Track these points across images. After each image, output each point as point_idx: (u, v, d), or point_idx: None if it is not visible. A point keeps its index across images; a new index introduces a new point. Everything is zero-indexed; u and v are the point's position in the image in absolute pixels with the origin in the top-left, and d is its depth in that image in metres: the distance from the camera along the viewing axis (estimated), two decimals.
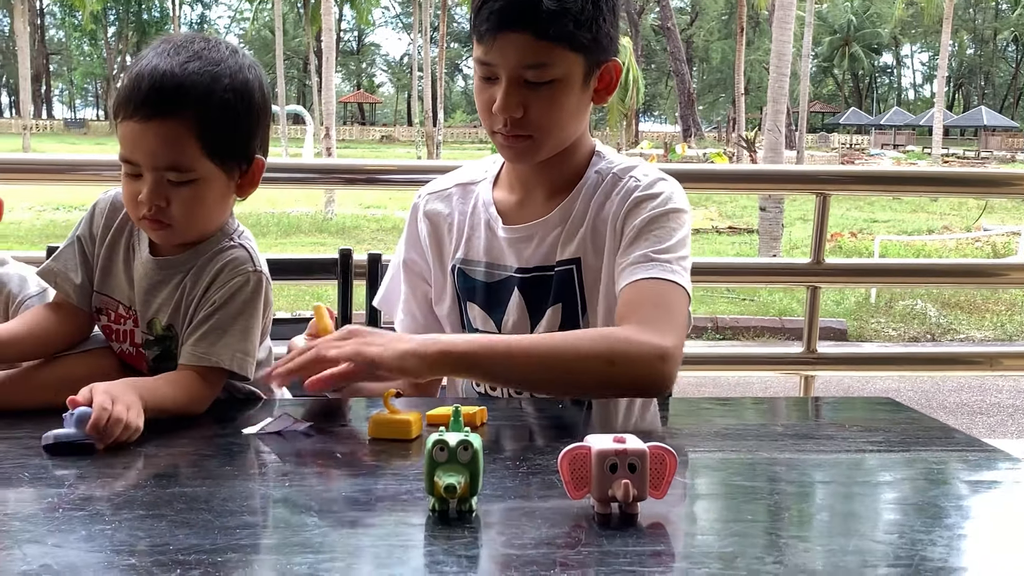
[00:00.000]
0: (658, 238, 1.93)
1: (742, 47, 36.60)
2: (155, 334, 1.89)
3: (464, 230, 2.11)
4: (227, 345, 1.83)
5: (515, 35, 1.85)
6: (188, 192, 1.79)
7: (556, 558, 1.17)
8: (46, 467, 1.49)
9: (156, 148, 1.75)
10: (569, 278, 2.01)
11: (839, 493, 1.48)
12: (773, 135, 13.65)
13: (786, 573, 1.14)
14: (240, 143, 1.83)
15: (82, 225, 1.96)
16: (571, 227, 2.02)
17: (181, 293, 1.88)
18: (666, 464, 1.30)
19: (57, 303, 1.93)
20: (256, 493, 1.42)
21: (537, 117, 1.91)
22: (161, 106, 1.73)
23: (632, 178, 2.02)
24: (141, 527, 1.23)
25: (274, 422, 1.68)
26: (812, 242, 3.76)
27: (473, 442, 1.28)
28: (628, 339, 1.79)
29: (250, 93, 1.82)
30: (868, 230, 18.21)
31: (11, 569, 1.11)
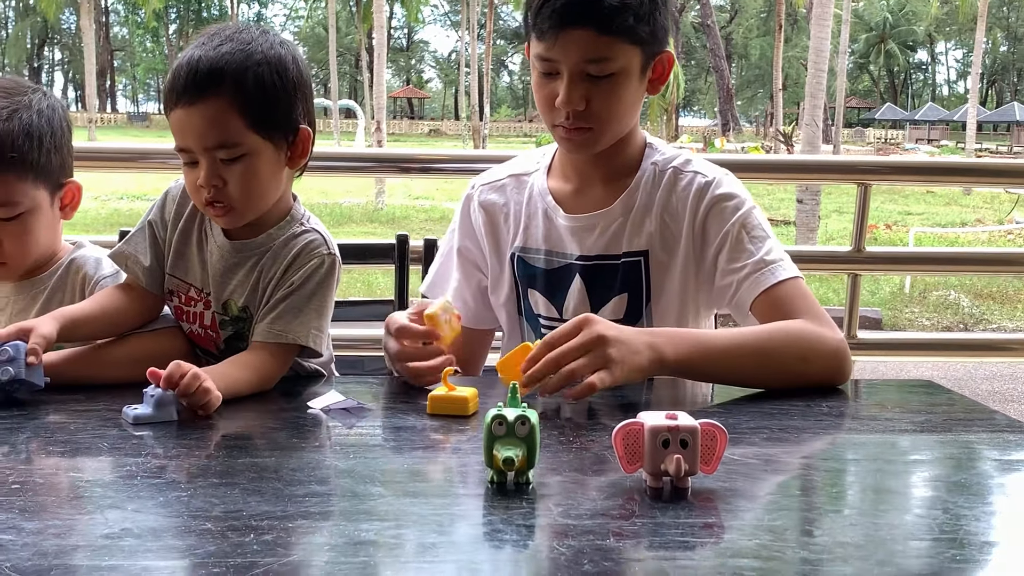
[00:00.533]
0: (758, 239, 1.97)
1: (780, 44, 36.28)
2: (230, 315, 1.92)
3: (521, 219, 2.11)
4: (303, 323, 1.86)
5: (578, 31, 1.86)
6: (240, 168, 1.81)
7: (610, 528, 1.17)
8: (124, 438, 1.51)
9: (203, 129, 1.79)
10: (636, 269, 2.03)
11: (882, 470, 1.47)
12: (811, 129, 13.52)
13: (833, 545, 1.14)
14: (282, 114, 1.85)
15: (154, 211, 2.00)
16: (636, 219, 2.03)
17: (258, 276, 1.91)
18: (717, 440, 1.30)
19: (128, 284, 1.96)
20: (322, 464, 1.44)
21: (598, 109, 1.92)
22: (200, 88, 1.77)
23: (698, 174, 2.04)
24: (215, 494, 1.25)
25: (338, 398, 1.69)
26: (853, 231, 3.74)
27: (530, 417, 1.29)
28: (815, 337, 1.84)
29: (284, 65, 1.85)
30: (903, 222, 18.02)
31: (94, 532, 1.13)
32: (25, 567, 1.02)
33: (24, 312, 1.98)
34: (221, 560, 1.05)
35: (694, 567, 1.09)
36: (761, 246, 1.96)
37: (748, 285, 1.94)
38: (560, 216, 2.07)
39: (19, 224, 1.92)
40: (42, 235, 1.97)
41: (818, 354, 1.84)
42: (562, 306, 2.06)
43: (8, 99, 1.90)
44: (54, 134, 1.95)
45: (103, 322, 1.86)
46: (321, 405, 1.68)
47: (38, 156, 1.91)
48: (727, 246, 1.97)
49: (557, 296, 2.07)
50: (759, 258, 1.94)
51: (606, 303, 2.03)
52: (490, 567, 1.10)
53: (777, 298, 1.91)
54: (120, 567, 1.05)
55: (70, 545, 1.09)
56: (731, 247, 1.97)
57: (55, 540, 1.10)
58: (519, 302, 2.13)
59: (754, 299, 1.93)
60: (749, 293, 1.94)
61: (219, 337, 1.94)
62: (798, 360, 1.83)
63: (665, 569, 1.07)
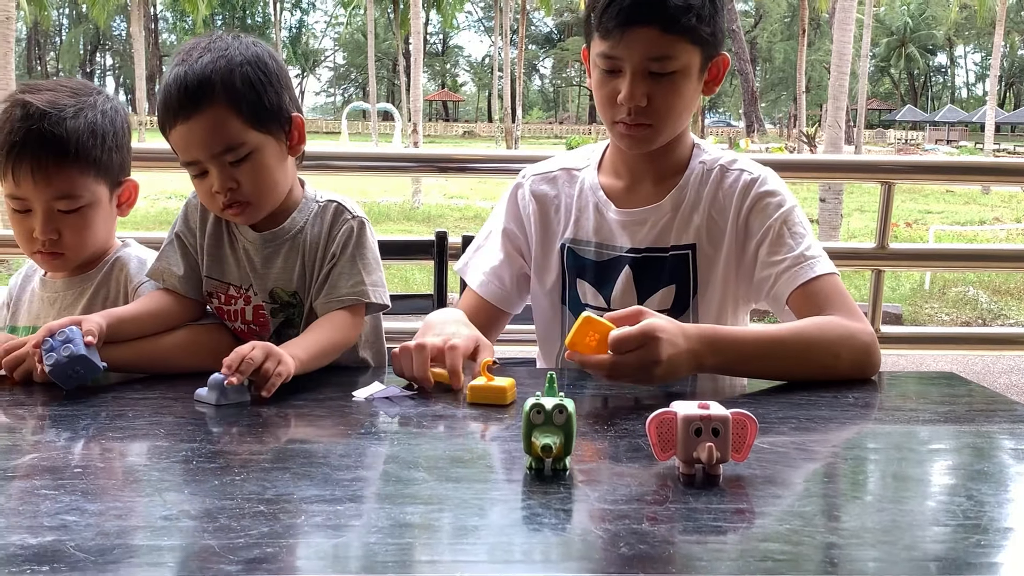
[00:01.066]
0: (799, 235, 1.99)
1: (803, 48, 36.02)
2: (280, 302, 1.96)
3: (572, 212, 2.12)
4: (359, 282, 1.92)
5: (643, 30, 1.87)
6: (249, 166, 1.86)
7: (645, 513, 1.17)
8: (179, 424, 1.53)
9: (206, 138, 1.82)
10: (684, 262, 2.04)
11: (907, 459, 1.47)
12: (834, 130, 13.43)
13: (860, 530, 1.14)
14: (274, 106, 1.89)
15: (178, 223, 2.04)
16: (684, 214, 2.05)
17: (301, 261, 1.95)
18: (747, 429, 1.30)
19: (168, 289, 1.98)
20: (368, 450, 1.44)
21: (658, 106, 1.93)
22: (195, 100, 1.81)
23: (744, 171, 2.06)
24: (267, 479, 1.26)
25: (382, 388, 1.71)
26: (877, 228, 3.72)
27: (568, 406, 1.29)
28: (847, 332, 1.86)
29: (264, 61, 1.89)
30: (922, 221, 17.89)
31: (153, 513, 1.15)
32: (88, 547, 1.04)
33: (72, 307, 2.00)
34: (274, 541, 1.06)
35: (726, 551, 1.09)
36: (801, 242, 1.98)
37: (787, 278, 1.95)
38: (611, 211, 2.08)
39: (79, 217, 1.94)
40: (99, 229, 2.00)
41: (849, 349, 1.85)
42: (610, 296, 2.07)
43: (75, 98, 1.93)
44: (116, 134, 1.98)
45: (148, 322, 1.89)
46: (366, 394, 1.69)
47: (100, 153, 1.94)
48: (768, 240, 1.99)
49: (606, 287, 2.08)
50: (799, 253, 1.96)
51: (653, 294, 2.04)
52: (530, 549, 1.10)
53: (813, 292, 1.92)
54: (178, 547, 1.06)
55: (130, 526, 1.10)
56: (772, 241, 1.99)
57: (116, 521, 1.11)
58: (564, 291, 2.14)
59: (791, 292, 1.94)
60: (787, 286, 1.95)
61: (265, 329, 1.97)
62: (830, 356, 1.83)
63: (699, 553, 1.07)
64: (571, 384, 1.82)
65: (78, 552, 1.02)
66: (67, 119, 1.89)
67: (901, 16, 71.20)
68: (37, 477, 1.29)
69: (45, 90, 1.93)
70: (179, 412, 1.60)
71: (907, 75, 78.33)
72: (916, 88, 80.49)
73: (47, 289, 2.05)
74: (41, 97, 1.90)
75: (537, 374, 2.04)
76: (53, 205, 1.91)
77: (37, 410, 1.63)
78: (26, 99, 1.89)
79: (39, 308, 2.03)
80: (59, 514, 1.13)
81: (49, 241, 1.93)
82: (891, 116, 69.49)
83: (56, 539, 1.06)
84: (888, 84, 79.62)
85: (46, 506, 1.16)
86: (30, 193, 1.90)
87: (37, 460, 1.36)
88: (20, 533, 1.08)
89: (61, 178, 1.90)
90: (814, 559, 1.08)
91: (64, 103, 1.90)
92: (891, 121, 68.88)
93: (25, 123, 1.87)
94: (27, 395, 1.70)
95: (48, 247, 1.94)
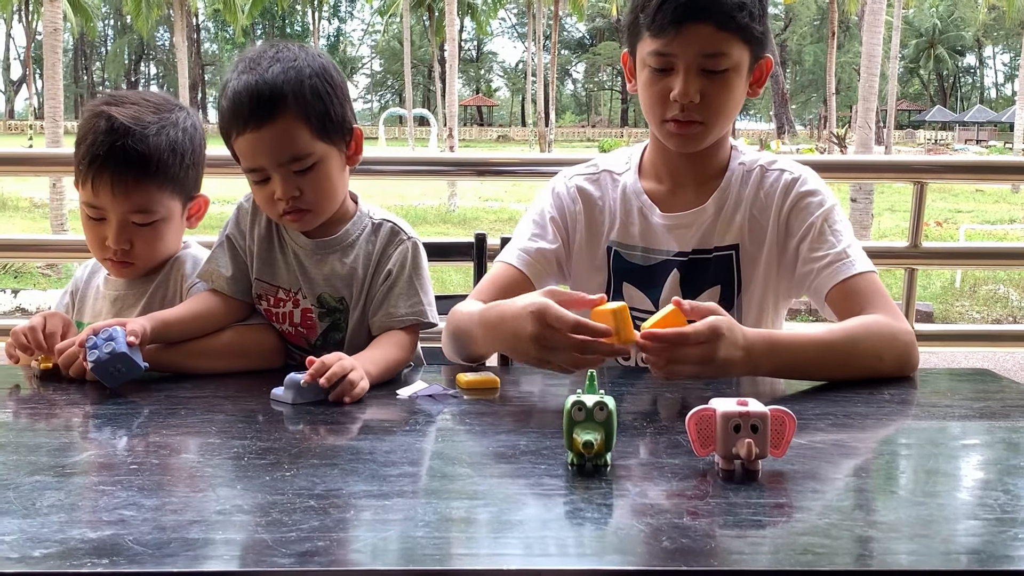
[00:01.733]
0: (839, 233, 1.99)
1: (833, 50, 35.84)
2: (327, 307, 1.97)
3: (617, 215, 2.10)
4: (415, 303, 1.95)
5: (698, 26, 1.87)
6: (313, 175, 1.87)
7: (686, 508, 1.18)
8: (229, 422, 1.55)
9: (275, 148, 1.83)
10: (728, 262, 2.04)
11: (943, 454, 1.47)
12: (864, 131, 13.34)
13: (898, 524, 1.14)
14: (338, 118, 1.90)
15: (229, 226, 2.05)
16: (727, 215, 2.05)
17: (351, 270, 1.96)
18: (786, 425, 1.30)
19: (217, 289, 2.00)
20: (413, 447, 1.45)
21: (711, 103, 1.92)
22: (268, 111, 1.82)
23: (784, 171, 2.05)
24: (316, 474, 1.27)
25: (425, 386, 1.72)
26: (910, 227, 3.69)
27: (608, 403, 1.30)
28: (890, 333, 1.86)
29: (330, 74, 1.90)
30: (953, 219, 17.74)
31: (208, 508, 1.16)
32: (147, 540, 1.05)
33: (132, 307, 2.03)
34: (325, 534, 1.07)
35: (766, 544, 1.09)
36: (841, 239, 1.98)
37: (827, 274, 1.95)
38: (656, 215, 2.07)
39: (152, 230, 1.97)
40: (169, 241, 2.03)
41: (892, 351, 1.85)
42: (657, 299, 2.05)
43: (158, 115, 1.95)
44: (194, 152, 2.01)
45: (194, 326, 1.90)
46: (409, 392, 1.70)
47: (178, 171, 1.97)
48: (810, 236, 1.99)
49: (653, 290, 2.06)
50: (840, 250, 1.96)
51: (700, 295, 2.03)
52: (574, 543, 1.10)
53: (853, 290, 1.92)
54: (233, 540, 1.08)
55: (186, 520, 1.11)
56: (813, 238, 1.98)
57: (172, 516, 1.13)
58: (610, 293, 2.12)
59: (830, 288, 1.94)
60: (827, 282, 1.95)
61: (312, 332, 1.98)
62: (875, 358, 1.83)
63: (739, 546, 1.07)
64: (611, 381, 1.82)
65: (136, 545, 1.04)
66: (150, 136, 1.91)
67: (930, 18, 70.56)
68: (94, 473, 1.31)
69: (129, 103, 1.95)
70: (229, 410, 1.62)
71: (936, 76, 77.61)
72: (945, 89, 79.75)
73: (110, 287, 2.08)
74: (126, 112, 1.92)
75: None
76: (128, 217, 1.94)
77: (92, 409, 1.65)
78: (111, 112, 1.91)
79: (102, 305, 2.06)
80: (117, 509, 1.14)
81: (121, 251, 1.96)
82: (920, 116, 68.89)
83: (115, 533, 1.07)
84: (917, 85, 78.92)
85: (104, 501, 1.18)
86: (107, 204, 1.93)
87: (94, 457, 1.38)
88: (80, 528, 1.09)
89: (139, 193, 1.93)
90: (853, 552, 1.08)
91: (147, 120, 1.93)
92: (920, 121, 68.27)
93: (109, 137, 1.89)
94: (82, 394, 1.72)
95: (119, 256, 1.97)
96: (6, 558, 1.01)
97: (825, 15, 51.41)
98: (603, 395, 1.31)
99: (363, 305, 1.97)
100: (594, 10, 65.12)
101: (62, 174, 10.95)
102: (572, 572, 1.02)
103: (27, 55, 56.52)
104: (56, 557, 1.01)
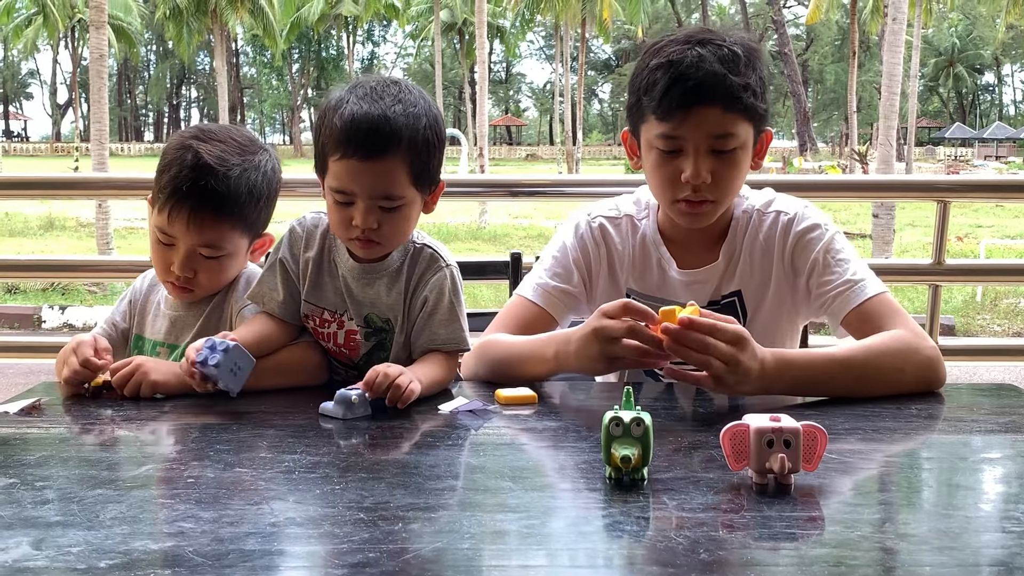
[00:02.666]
0: (844, 261, 1.98)
1: (854, 69, 35.68)
2: (373, 327, 1.99)
3: (636, 263, 2.10)
4: (456, 330, 1.95)
5: (707, 109, 1.86)
6: (397, 215, 1.89)
7: (721, 521, 1.19)
8: (280, 437, 1.57)
9: (374, 182, 1.84)
10: (732, 306, 2.04)
11: (971, 468, 1.47)
12: (885, 148, 13.29)
13: (930, 536, 1.14)
14: (434, 170, 1.93)
15: (282, 249, 2.05)
16: (732, 265, 2.05)
17: (396, 293, 1.98)
18: (818, 440, 1.31)
19: (268, 312, 2.02)
20: (456, 461, 1.47)
21: (720, 182, 1.91)
22: (380, 147, 1.82)
23: (780, 212, 2.05)
24: (364, 488, 1.29)
25: (466, 402, 1.73)
26: (934, 244, 3.67)
27: (645, 419, 1.31)
28: (912, 348, 1.85)
29: (441, 127, 1.92)
30: (973, 235, 17.60)
31: (262, 521, 1.18)
32: (205, 551, 1.07)
33: (190, 328, 2.05)
34: (375, 546, 1.09)
35: (801, 556, 1.10)
36: (847, 267, 1.97)
37: (839, 303, 1.95)
38: (673, 269, 2.07)
39: (217, 263, 2.01)
40: (230, 273, 2.06)
41: (914, 365, 1.84)
42: None
43: (241, 156, 1.98)
44: (269, 196, 2.05)
45: (259, 346, 1.90)
46: (450, 407, 1.72)
47: (252, 212, 2.01)
48: (815, 272, 1.99)
49: None
50: (846, 279, 1.95)
51: None
52: (616, 555, 1.11)
53: (867, 313, 1.92)
54: (288, 552, 1.10)
55: (243, 532, 1.13)
56: (819, 272, 1.98)
57: (229, 528, 1.14)
58: None
59: (845, 315, 1.94)
60: (840, 309, 1.95)
61: (355, 352, 2.00)
62: (895, 371, 1.82)
63: (775, 559, 1.08)
64: (645, 398, 1.83)
65: (196, 556, 1.06)
66: (232, 178, 1.95)
67: (949, 37, 70.13)
68: (153, 487, 1.33)
69: (216, 141, 1.98)
70: (279, 425, 1.64)
71: (955, 94, 77.08)
72: (964, 106, 79.18)
73: (169, 307, 2.10)
74: (212, 150, 1.95)
75: (613, 387, 2.05)
76: (197, 249, 1.97)
77: (148, 425, 1.67)
78: (199, 149, 1.95)
79: (162, 324, 2.09)
80: (176, 521, 1.17)
81: (184, 278, 1.99)
82: (940, 133, 68.36)
83: (175, 544, 1.09)
84: (937, 103, 78.41)
85: (164, 514, 1.20)
86: (180, 234, 1.96)
87: (151, 471, 1.40)
88: (142, 539, 1.12)
89: (212, 230, 1.96)
90: (886, 564, 1.09)
91: (232, 161, 1.96)
92: (940, 138, 67.75)
93: (193, 173, 1.93)
94: (137, 411, 1.75)
95: (181, 282, 2.00)
96: (73, 569, 1.03)
97: (846, 35, 51.21)
98: (639, 411, 1.32)
99: (405, 326, 1.99)
100: (620, 32, 65.09)
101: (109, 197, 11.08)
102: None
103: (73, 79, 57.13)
104: (121, 568, 1.03)
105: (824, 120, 74.55)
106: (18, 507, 1.21)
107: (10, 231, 18.80)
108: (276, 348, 1.96)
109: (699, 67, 1.85)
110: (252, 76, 76.74)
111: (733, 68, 1.86)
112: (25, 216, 20.62)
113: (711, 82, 1.84)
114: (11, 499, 1.24)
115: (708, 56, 1.86)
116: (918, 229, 18.74)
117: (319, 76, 68.09)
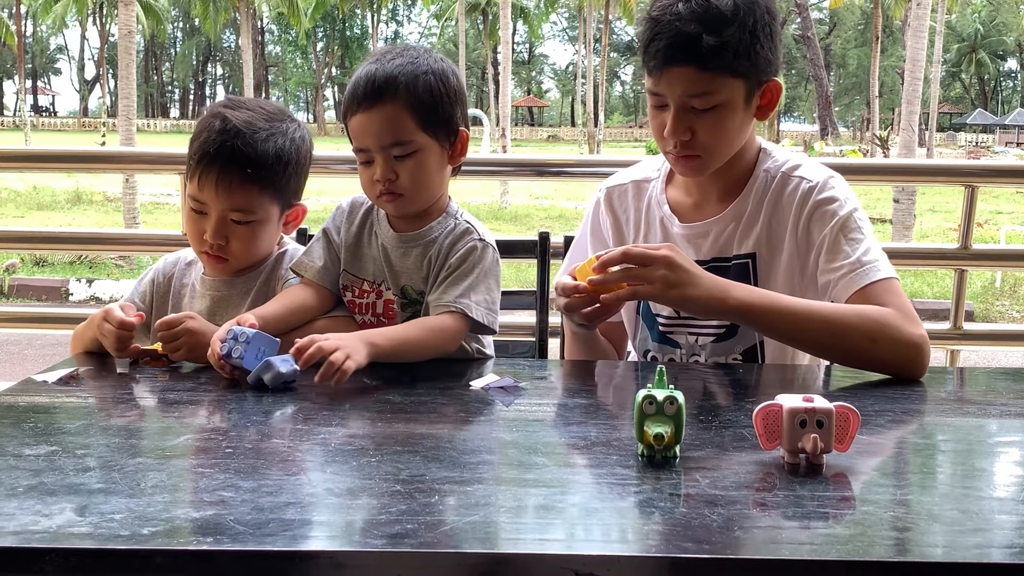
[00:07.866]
0: (856, 241, 1.91)
1: (877, 54, 35.44)
2: (409, 298, 2.01)
3: (640, 226, 2.11)
4: (465, 296, 1.94)
5: (681, 69, 1.85)
6: (412, 162, 1.93)
7: (753, 499, 1.19)
8: (315, 410, 1.57)
9: (380, 129, 1.91)
10: (745, 270, 2.00)
11: (999, 450, 1.46)
12: (907, 134, 13.20)
13: (962, 518, 1.13)
14: (445, 116, 1.96)
15: (329, 221, 2.13)
16: (746, 224, 2.01)
17: (428, 265, 2.00)
18: (850, 421, 1.30)
19: (307, 281, 2.05)
20: (490, 436, 1.47)
21: (703, 139, 1.90)
22: (378, 94, 1.91)
23: (803, 179, 1.99)
24: (400, 460, 1.29)
25: (497, 378, 1.73)
26: (960, 229, 3.63)
27: (678, 398, 1.31)
28: (891, 324, 1.79)
29: (447, 75, 1.97)
30: (993, 221, 17.45)
31: (301, 491, 1.19)
32: (246, 520, 1.08)
33: (238, 307, 2.04)
34: (413, 517, 1.09)
35: (834, 535, 1.10)
36: (858, 247, 1.91)
37: (844, 284, 1.89)
38: (675, 225, 2.06)
39: (248, 229, 2.01)
40: (263, 243, 2.07)
41: (888, 339, 1.78)
42: None
43: (269, 123, 2.01)
44: (298, 162, 2.06)
45: (290, 319, 1.94)
46: (481, 384, 1.72)
47: (280, 177, 2.02)
48: (825, 247, 1.93)
49: None
50: (855, 259, 1.89)
51: None
52: (651, 531, 1.11)
53: (870, 297, 1.85)
54: (328, 521, 1.10)
55: (282, 502, 1.14)
56: (829, 248, 1.93)
57: (269, 497, 1.15)
58: (638, 303, 2.13)
59: (848, 297, 1.88)
60: (844, 291, 1.89)
61: (393, 322, 2.01)
62: (865, 339, 1.78)
63: (809, 537, 1.08)
64: (677, 376, 1.82)
65: (237, 525, 1.06)
66: (259, 141, 1.96)
67: (972, 23, 69.48)
68: (193, 457, 1.34)
69: (245, 109, 2.01)
70: (313, 399, 1.64)
71: (978, 80, 76.38)
72: (987, 92, 78.47)
73: (208, 287, 2.10)
74: (240, 115, 1.98)
75: (643, 367, 2.05)
76: (228, 215, 1.99)
77: (185, 395, 1.68)
78: (226, 114, 1.98)
79: (200, 305, 2.08)
80: (216, 490, 1.17)
81: (217, 245, 2.00)
82: (962, 119, 67.83)
83: (216, 513, 1.10)
84: (959, 89, 77.73)
85: (204, 483, 1.21)
86: (210, 199, 1.97)
87: (191, 441, 1.41)
88: (184, 508, 1.13)
89: (241, 193, 1.97)
90: (920, 544, 1.08)
91: (259, 126, 1.98)
92: (962, 124, 67.21)
93: (220, 136, 1.95)
94: (175, 381, 1.76)
95: (215, 250, 2.01)
96: (117, 535, 1.04)
97: (869, 20, 50.80)
98: (672, 390, 1.32)
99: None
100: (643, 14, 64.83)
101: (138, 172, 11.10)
102: (649, 559, 1.03)
103: (100, 56, 57.35)
104: (163, 535, 1.04)
105: (846, 105, 74.04)
106: (60, 474, 1.22)
107: (38, 204, 18.88)
108: (311, 318, 1.98)
109: (672, 25, 1.84)
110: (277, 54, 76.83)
111: (710, 26, 1.82)
112: (53, 190, 20.71)
113: (682, 42, 1.83)
114: (53, 466, 1.25)
115: (685, 14, 1.83)
116: (938, 215, 18.61)
117: (343, 55, 68.15)
